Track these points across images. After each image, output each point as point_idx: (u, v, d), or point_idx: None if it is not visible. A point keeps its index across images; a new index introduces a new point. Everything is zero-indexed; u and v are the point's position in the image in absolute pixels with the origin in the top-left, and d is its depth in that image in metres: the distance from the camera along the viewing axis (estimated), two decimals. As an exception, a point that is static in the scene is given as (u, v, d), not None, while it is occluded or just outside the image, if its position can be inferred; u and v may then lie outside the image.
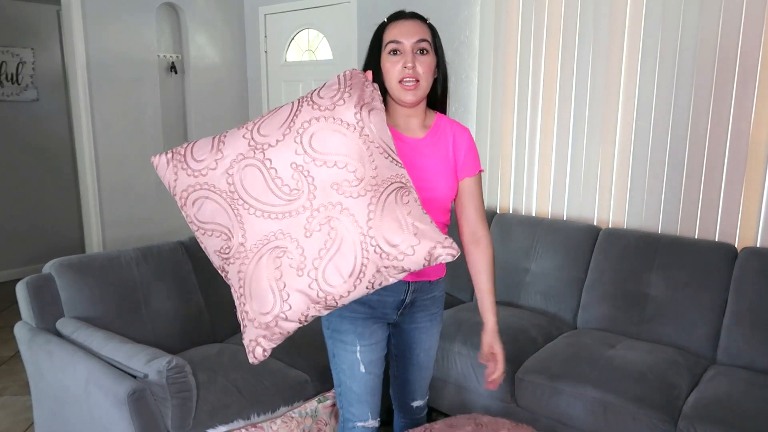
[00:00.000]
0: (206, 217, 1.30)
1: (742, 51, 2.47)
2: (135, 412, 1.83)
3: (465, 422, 1.71)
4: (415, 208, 1.26)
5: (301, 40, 4.29)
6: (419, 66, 1.50)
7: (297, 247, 1.23)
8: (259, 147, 1.26)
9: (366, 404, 1.67)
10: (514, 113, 3.21)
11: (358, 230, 1.21)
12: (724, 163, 2.57)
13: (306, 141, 1.25)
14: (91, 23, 3.71)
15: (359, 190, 1.23)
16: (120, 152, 3.94)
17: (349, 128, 1.26)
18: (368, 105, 1.30)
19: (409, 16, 1.56)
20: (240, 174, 1.26)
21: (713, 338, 2.43)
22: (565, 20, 2.96)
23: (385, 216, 1.22)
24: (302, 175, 1.24)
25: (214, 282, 2.65)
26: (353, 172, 1.24)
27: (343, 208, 1.22)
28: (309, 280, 1.22)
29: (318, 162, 1.24)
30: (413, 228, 1.23)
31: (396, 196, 1.25)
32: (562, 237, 2.87)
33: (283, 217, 1.24)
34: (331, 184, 1.23)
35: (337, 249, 1.21)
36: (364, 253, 1.22)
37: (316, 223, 1.23)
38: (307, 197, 1.23)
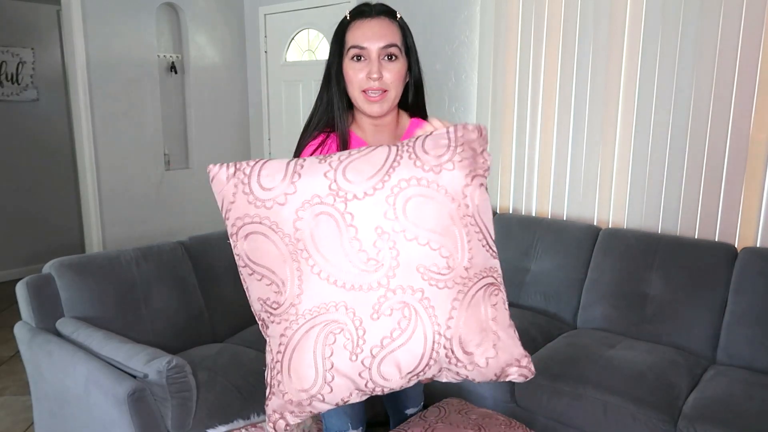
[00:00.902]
0: (259, 258, 1.08)
1: (742, 51, 2.47)
2: (135, 412, 1.83)
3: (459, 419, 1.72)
4: (502, 312, 1.08)
5: (301, 40, 4.29)
6: (386, 74, 1.32)
7: (358, 328, 1.02)
8: (341, 194, 1.02)
9: (345, 415, 1.61)
10: (514, 113, 3.21)
11: (435, 327, 1.02)
12: (724, 163, 2.57)
13: (400, 205, 1.02)
14: (91, 23, 3.71)
15: (447, 281, 1.02)
16: (120, 152, 3.94)
17: (453, 203, 1.03)
18: (479, 177, 1.08)
19: (375, 13, 1.34)
20: (312, 221, 1.03)
21: (713, 338, 2.43)
22: (565, 20, 2.96)
23: (469, 317, 1.03)
24: (386, 245, 1.02)
25: (214, 282, 2.65)
26: (446, 258, 1.02)
27: (423, 297, 1.02)
28: (362, 368, 1.03)
29: (409, 235, 1.02)
30: (494, 337, 1.05)
31: (485, 294, 1.06)
32: (562, 237, 2.87)
33: (351, 288, 1.02)
34: (417, 265, 1.02)
35: (404, 342, 1.02)
36: (434, 354, 1.03)
37: (388, 307, 1.02)
38: (385, 273, 1.01)
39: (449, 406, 1.82)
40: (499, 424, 1.74)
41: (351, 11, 1.37)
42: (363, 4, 1.37)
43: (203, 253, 2.66)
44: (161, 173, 4.19)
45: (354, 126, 1.44)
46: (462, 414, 1.79)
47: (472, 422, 1.73)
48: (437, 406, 1.83)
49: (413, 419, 1.76)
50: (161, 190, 4.20)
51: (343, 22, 1.37)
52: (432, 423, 1.71)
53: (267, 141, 4.59)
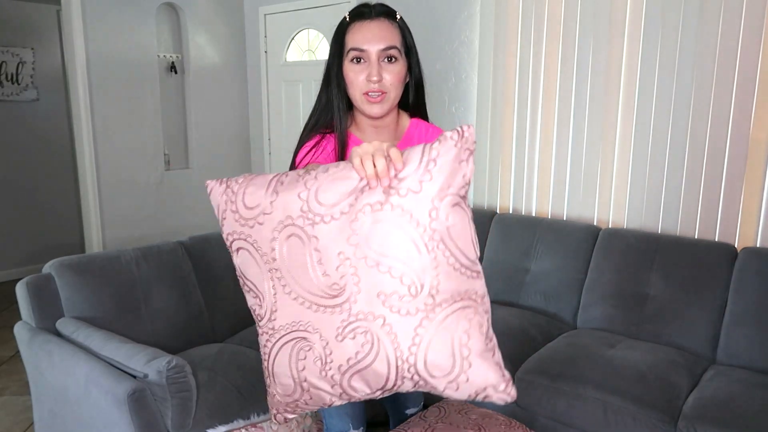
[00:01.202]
0: (246, 272, 1.14)
1: (742, 51, 2.47)
2: (135, 412, 1.83)
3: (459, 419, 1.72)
4: (476, 337, 1.03)
5: (301, 40, 4.29)
6: (386, 76, 1.32)
7: (325, 348, 1.05)
8: (310, 217, 1.03)
9: (345, 415, 1.62)
10: (514, 113, 3.21)
11: (397, 353, 1.02)
12: (724, 163, 2.57)
13: (364, 230, 1.00)
14: (91, 23, 3.71)
15: (410, 308, 1.00)
16: (120, 152, 3.94)
17: (418, 228, 0.99)
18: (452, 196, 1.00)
19: (375, 15, 1.34)
20: (283, 244, 1.06)
21: (713, 338, 2.43)
22: (565, 20, 2.96)
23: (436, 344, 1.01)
24: (349, 270, 1.02)
25: (214, 282, 2.65)
26: (408, 286, 1.00)
27: (384, 323, 1.01)
28: (333, 382, 1.07)
29: (370, 262, 1.01)
30: (465, 364, 1.02)
31: (457, 319, 1.01)
32: (562, 237, 2.87)
33: (317, 309, 1.05)
34: (378, 292, 1.01)
35: (369, 363, 1.03)
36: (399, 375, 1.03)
37: (351, 330, 1.03)
38: (347, 298, 1.03)
39: (449, 406, 1.82)
40: (499, 424, 1.74)
41: (350, 12, 1.36)
42: (362, 5, 1.36)
43: (203, 253, 2.66)
44: (161, 173, 4.19)
45: (353, 127, 1.44)
46: (462, 414, 1.79)
47: (472, 422, 1.73)
48: (437, 406, 1.83)
49: (413, 419, 1.76)
50: (161, 190, 4.20)
51: (342, 23, 1.36)
52: (432, 423, 1.71)
53: (267, 141, 4.59)
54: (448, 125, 3.45)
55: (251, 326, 2.70)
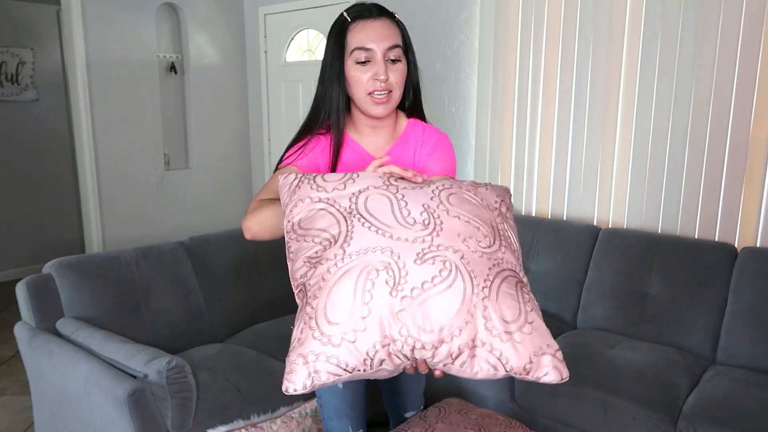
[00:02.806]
0: (313, 225, 1.14)
1: (742, 51, 2.47)
2: (135, 412, 1.83)
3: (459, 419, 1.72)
4: (534, 303, 1.10)
5: (300, 40, 4.29)
6: (392, 76, 1.32)
7: (401, 269, 1.04)
8: (394, 185, 1.17)
9: (345, 417, 1.62)
10: (514, 113, 3.21)
11: (473, 284, 1.04)
12: (724, 163, 2.57)
13: (444, 197, 1.16)
14: (91, 23, 3.71)
15: (485, 253, 1.09)
16: (120, 152, 3.94)
17: (489, 210, 1.19)
18: (508, 208, 1.25)
19: (376, 14, 1.32)
20: (367, 196, 1.14)
21: (713, 338, 2.43)
22: (565, 20, 2.96)
23: (504, 293, 1.06)
24: (432, 216, 1.12)
25: (214, 282, 2.66)
26: (485, 237, 1.12)
27: (463, 257, 1.06)
28: (400, 306, 1.02)
29: (452, 213, 1.13)
30: (529, 318, 1.06)
31: (516, 285, 1.09)
32: (562, 237, 2.87)
33: (398, 239, 1.08)
34: (458, 233, 1.10)
35: (444, 289, 1.02)
36: (471, 309, 1.03)
37: (431, 257, 1.05)
38: (430, 232, 1.09)
39: (449, 406, 1.82)
40: (499, 424, 1.74)
41: (349, 12, 1.34)
42: (360, 5, 1.35)
43: (203, 253, 2.66)
44: (161, 173, 4.19)
45: (350, 128, 1.43)
46: (462, 414, 1.79)
47: (472, 422, 1.73)
48: (437, 406, 1.83)
49: (413, 419, 1.76)
50: (161, 190, 4.20)
51: (342, 22, 1.34)
52: (432, 423, 1.71)
53: (267, 141, 4.59)
54: (448, 125, 3.45)
55: (251, 326, 2.70)
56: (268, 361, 2.35)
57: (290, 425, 2.16)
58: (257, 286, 2.77)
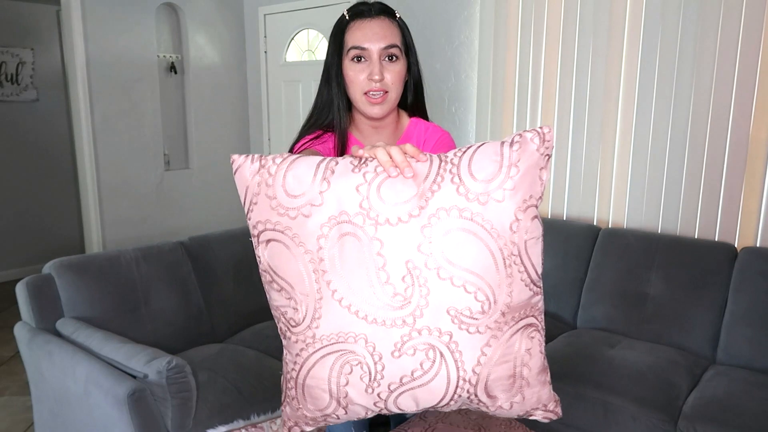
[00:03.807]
0: (279, 269, 0.97)
1: (742, 51, 2.47)
2: (135, 412, 1.83)
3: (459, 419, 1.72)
4: (536, 356, 0.98)
5: (300, 40, 4.29)
6: (387, 75, 1.29)
7: (377, 363, 0.94)
8: (372, 216, 0.91)
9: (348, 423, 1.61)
10: (514, 113, 3.21)
11: (460, 373, 0.94)
12: (724, 163, 2.57)
13: (437, 238, 0.90)
14: (91, 23, 3.71)
15: (479, 325, 0.93)
16: (120, 152, 3.94)
17: (498, 240, 0.91)
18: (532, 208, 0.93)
19: (375, 13, 1.31)
20: (335, 243, 0.92)
21: (713, 338, 2.43)
22: (564, 20, 2.96)
23: (499, 364, 0.95)
24: (417, 282, 0.92)
25: (214, 282, 2.65)
26: (481, 302, 0.92)
27: (451, 341, 0.93)
28: (377, 399, 0.97)
29: (443, 274, 0.91)
30: (524, 383, 0.97)
31: (521, 338, 0.96)
32: (562, 237, 2.87)
33: (373, 322, 0.93)
34: (448, 307, 0.92)
35: (426, 382, 0.94)
36: (455, 396, 0.96)
37: (411, 346, 0.93)
38: (412, 311, 0.92)
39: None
40: (499, 424, 1.74)
41: (349, 10, 1.33)
42: (361, 3, 1.34)
43: (203, 253, 2.66)
44: (161, 173, 4.19)
45: (352, 128, 1.42)
46: (462, 414, 1.78)
47: (472, 422, 1.73)
48: None
49: (413, 420, 1.76)
50: (161, 190, 4.20)
51: (341, 21, 1.33)
52: (432, 423, 1.71)
53: (267, 141, 4.59)
54: (448, 125, 3.45)
55: (251, 326, 2.70)
56: (268, 361, 2.35)
57: (290, 425, 2.16)
58: (257, 286, 2.76)
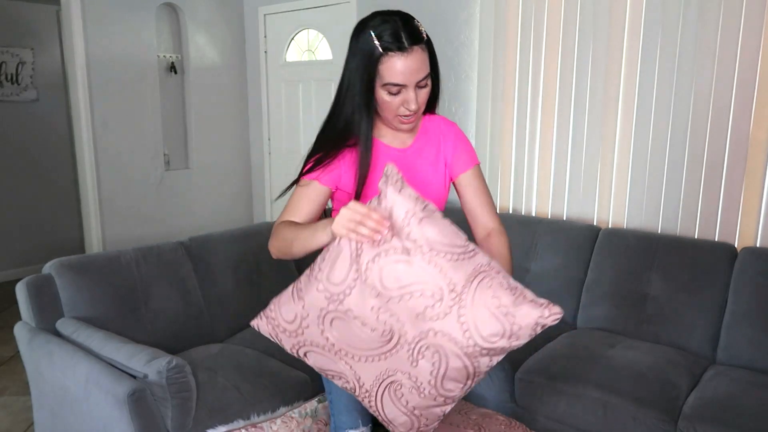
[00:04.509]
0: (324, 367, 1.32)
1: (742, 51, 2.47)
2: (135, 412, 1.83)
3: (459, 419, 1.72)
4: (500, 291, 1.18)
5: (300, 40, 4.29)
6: (420, 99, 1.38)
7: (409, 378, 1.25)
8: (336, 299, 1.24)
9: (355, 411, 1.63)
10: (514, 113, 3.21)
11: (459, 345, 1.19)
12: (724, 163, 2.57)
13: (377, 282, 1.21)
14: (91, 23, 3.71)
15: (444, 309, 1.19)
16: (120, 152, 3.94)
17: (412, 255, 1.19)
18: (414, 216, 1.20)
19: (408, 45, 1.30)
20: (331, 329, 1.26)
21: (713, 338, 2.43)
22: (564, 20, 2.96)
23: (478, 317, 1.17)
24: (385, 316, 1.22)
25: (214, 282, 2.65)
26: (432, 295, 1.19)
27: (436, 332, 1.19)
28: (433, 396, 1.26)
29: (395, 299, 1.20)
30: (510, 318, 1.17)
31: (479, 290, 1.18)
32: (562, 237, 2.87)
33: (386, 357, 1.25)
34: (415, 315, 1.20)
35: (446, 368, 1.21)
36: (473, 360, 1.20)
37: (418, 352, 1.22)
38: (398, 336, 1.23)
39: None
40: (499, 424, 1.74)
41: (379, 38, 1.31)
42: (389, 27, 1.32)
43: (203, 254, 2.66)
44: (161, 173, 4.19)
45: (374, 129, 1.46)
46: (462, 414, 1.78)
47: (472, 422, 1.73)
48: None
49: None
50: (161, 190, 4.20)
51: (372, 52, 1.32)
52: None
53: (267, 141, 4.59)
54: (448, 125, 3.44)
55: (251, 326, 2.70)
56: (268, 361, 2.35)
57: (290, 425, 2.16)
58: (257, 286, 2.77)
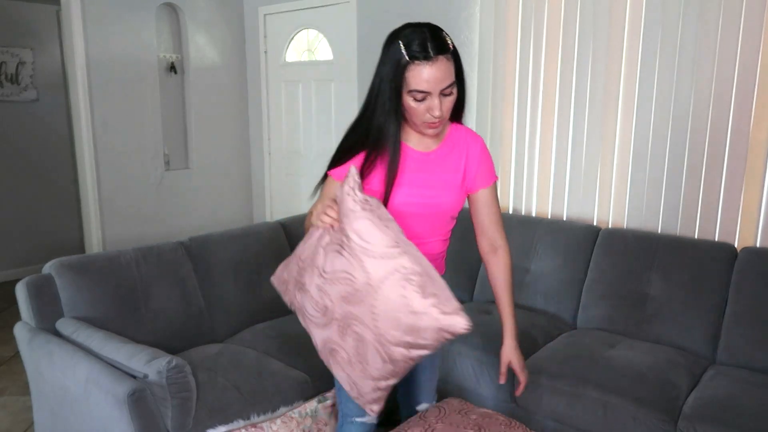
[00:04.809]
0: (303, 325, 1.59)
1: (741, 51, 2.47)
2: (135, 412, 1.83)
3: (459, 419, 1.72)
4: (412, 293, 1.32)
5: (300, 40, 4.29)
6: (444, 107, 1.45)
7: (342, 349, 1.46)
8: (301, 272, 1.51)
9: None
10: (514, 113, 3.21)
11: (371, 330, 1.37)
12: (724, 163, 2.57)
13: (320, 264, 1.44)
14: (91, 23, 3.71)
15: (359, 297, 1.37)
16: (120, 152, 3.94)
17: (339, 244, 1.40)
18: (354, 213, 1.37)
19: (433, 54, 1.38)
20: (298, 295, 1.53)
21: (713, 338, 2.43)
22: (564, 20, 2.96)
23: (387, 311, 1.34)
24: (324, 294, 1.44)
25: (214, 282, 2.65)
26: (351, 284, 1.38)
27: (355, 315, 1.39)
28: (360, 369, 1.44)
29: (328, 281, 1.42)
30: (411, 316, 1.32)
31: (392, 287, 1.33)
32: (562, 237, 2.87)
33: (325, 327, 1.47)
34: (341, 297, 1.40)
35: (364, 348, 1.40)
36: (384, 347, 1.37)
37: (344, 329, 1.43)
38: (331, 310, 1.44)
39: (449, 406, 1.82)
40: (499, 424, 1.74)
41: (407, 47, 1.39)
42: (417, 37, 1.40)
43: (203, 254, 2.66)
44: (161, 173, 4.19)
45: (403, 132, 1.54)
46: (462, 414, 1.78)
47: (472, 422, 1.73)
48: (437, 406, 1.83)
49: (413, 419, 1.76)
50: (161, 190, 4.20)
51: (400, 60, 1.40)
52: (432, 423, 1.71)
53: (267, 141, 4.59)
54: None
55: (251, 326, 2.70)
56: (268, 361, 2.35)
57: (290, 425, 2.16)
58: (257, 286, 2.77)
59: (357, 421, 1.72)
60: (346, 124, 1.60)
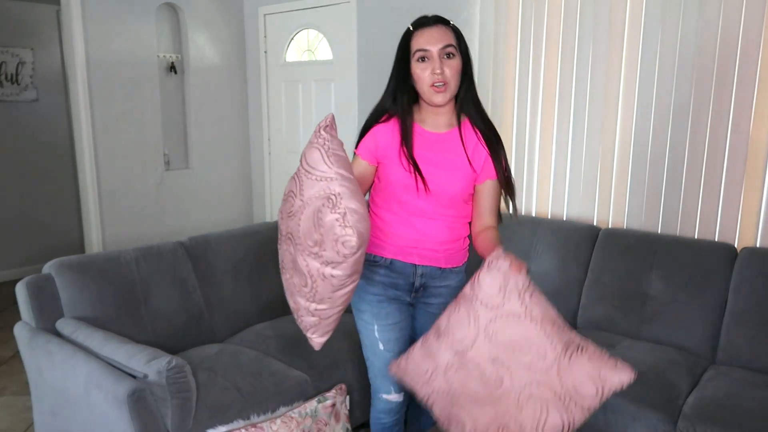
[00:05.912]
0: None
1: (741, 51, 2.47)
2: (135, 413, 1.83)
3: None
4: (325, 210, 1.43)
5: (300, 40, 4.29)
6: (447, 69, 1.61)
7: (285, 269, 1.56)
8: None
9: (387, 379, 1.78)
10: (514, 113, 3.21)
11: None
12: (724, 163, 2.57)
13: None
14: (91, 23, 3.71)
15: (294, 212, 1.49)
16: (120, 152, 3.94)
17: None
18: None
19: (432, 22, 1.64)
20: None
21: (713, 338, 2.42)
22: (564, 20, 2.96)
23: (307, 232, 1.46)
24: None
25: (214, 282, 2.65)
26: (293, 202, 1.50)
27: (290, 232, 1.52)
28: (296, 289, 1.55)
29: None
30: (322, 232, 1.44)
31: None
32: (562, 237, 2.87)
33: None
34: (287, 213, 1.53)
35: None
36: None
37: (286, 246, 1.54)
38: (283, 228, 1.54)
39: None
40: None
41: (413, 23, 1.67)
42: (422, 16, 1.67)
43: (203, 254, 2.66)
44: (161, 173, 4.18)
45: (416, 116, 1.73)
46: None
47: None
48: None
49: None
50: (161, 190, 4.20)
51: (407, 33, 1.67)
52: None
53: (267, 141, 4.59)
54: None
55: (251, 326, 2.70)
56: (268, 361, 2.35)
57: (290, 425, 2.16)
58: (257, 286, 2.77)
59: (383, 398, 1.84)
60: (346, 124, 1.67)
